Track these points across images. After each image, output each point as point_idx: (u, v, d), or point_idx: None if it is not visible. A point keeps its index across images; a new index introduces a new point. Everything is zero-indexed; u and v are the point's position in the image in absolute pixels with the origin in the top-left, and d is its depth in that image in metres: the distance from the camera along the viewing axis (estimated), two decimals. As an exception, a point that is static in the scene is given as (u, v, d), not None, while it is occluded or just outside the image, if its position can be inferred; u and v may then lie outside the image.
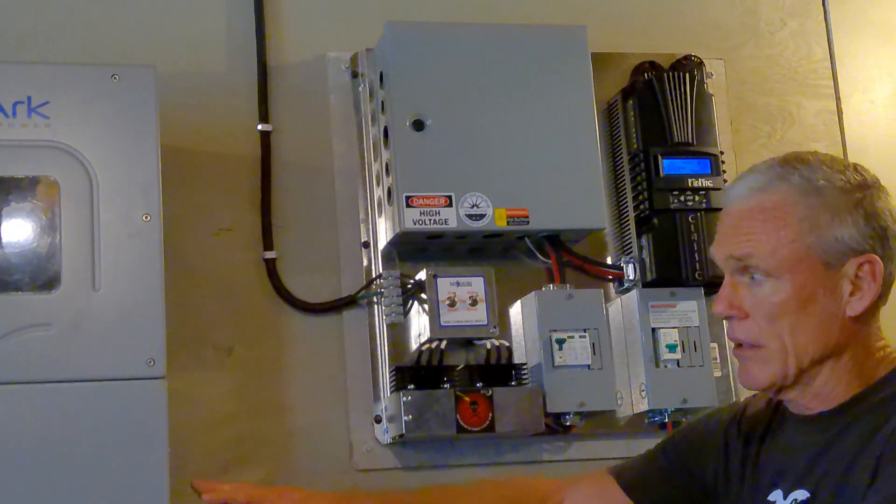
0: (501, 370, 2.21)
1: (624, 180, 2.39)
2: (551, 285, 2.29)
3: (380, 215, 2.30)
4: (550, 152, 2.26)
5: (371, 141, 2.35)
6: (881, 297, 1.51)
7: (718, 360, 2.36)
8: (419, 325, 2.26)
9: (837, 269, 1.48)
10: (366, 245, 2.33)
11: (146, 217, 1.90)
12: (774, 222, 1.49)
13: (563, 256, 2.33)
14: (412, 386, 2.15)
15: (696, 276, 2.28)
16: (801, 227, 1.48)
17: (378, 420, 2.26)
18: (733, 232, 1.53)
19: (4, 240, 1.86)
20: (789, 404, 1.57)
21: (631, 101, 2.38)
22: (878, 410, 1.46)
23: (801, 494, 1.47)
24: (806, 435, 1.53)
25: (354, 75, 2.39)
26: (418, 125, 2.22)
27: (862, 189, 1.50)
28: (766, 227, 1.49)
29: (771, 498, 1.52)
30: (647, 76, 2.41)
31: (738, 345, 1.54)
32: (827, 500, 1.44)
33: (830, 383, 1.51)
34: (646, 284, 2.33)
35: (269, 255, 2.29)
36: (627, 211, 2.37)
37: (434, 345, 2.21)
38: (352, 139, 2.38)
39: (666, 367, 2.27)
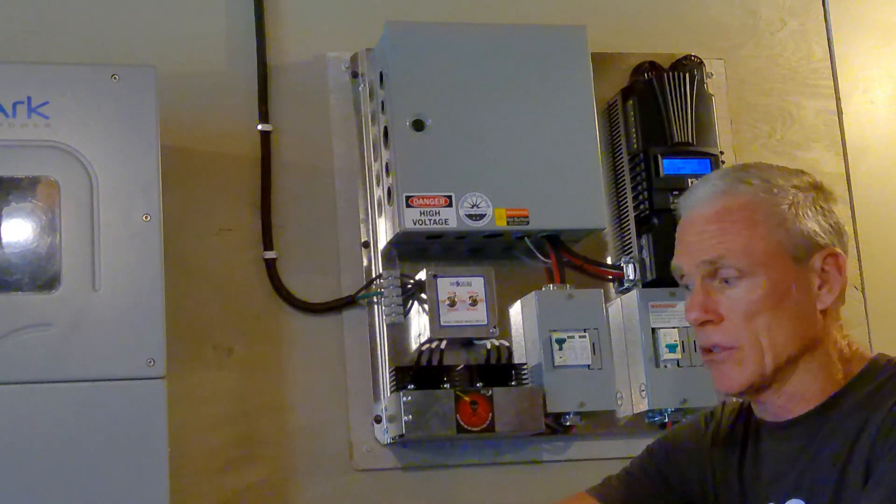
0: (501, 370, 2.21)
1: (624, 180, 2.39)
2: (551, 285, 2.29)
3: (380, 215, 2.30)
4: (550, 152, 2.26)
5: (371, 141, 2.35)
6: (844, 293, 1.54)
7: (718, 360, 2.36)
8: (419, 325, 2.26)
9: (806, 264, 1.51)
10: (366, 245, 2.33)
11: (146, 217, 1.90)
12: (743, 222, 1.51)
13: (563, 256, 2.33)
14: (412, 386, 2.15)
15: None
16: (770, 223, 1.51)
17: (378, 420, 2.26)
18: (701, 238, 1.54)
19: (4, 240, 1.86)
20: (763, 411, 1.57)
21: (631, 101, 2.38)
22: (860, 410, 1.46)
23: (796, 503, 1.47)
24: (788, 441, 1.52)
25: (354, 75, 2.39)
26: (418, 125, 2.22)
27: (814, 189, 1.54)
28: (736, 227, 1.51)
29: None
30: (647, 76, 2.41)
31: (708, 351, 1.54)
32: None
33: (805, 383, 1.51)
34: (646, 284, 2.33)
35: (269, 255, 2.29)
36: (627, 211, 2.37)
37: (434, 345, 2.21)
38: (352, 139, 2.38)
39: (666, 367, 2.27)
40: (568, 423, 2.24)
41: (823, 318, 1.51)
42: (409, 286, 2.26)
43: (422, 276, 2.24)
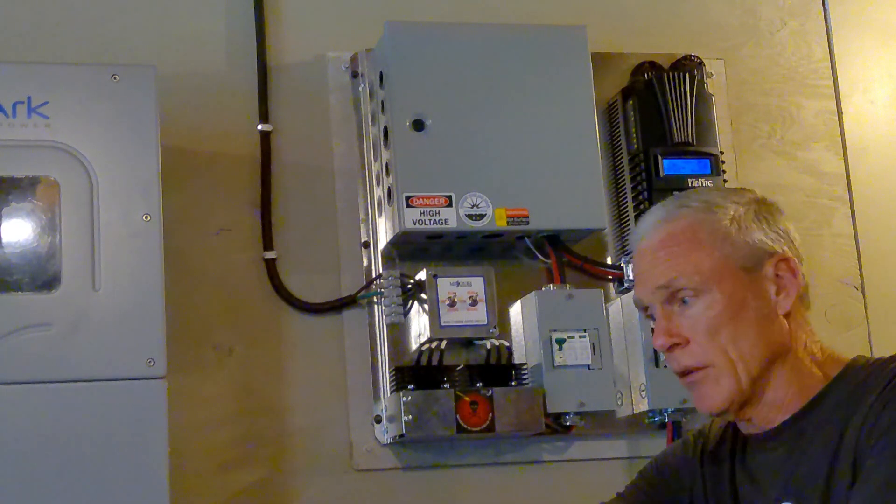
0: (501, 370, 2.21)
1: (624, 180, 2.39)
2: (551, 285, 2.29)
3: (380, 215, 2.30)
4: (550, 152, 2.26)
5: (371, 141, 2.35)
6: (805, 297, 1.57)
7: (718, 360, 2.36)
8: (419, 325, 2.26)
9: (758, 273, 1.53)
10: (366, 245, 2.33)
11: (146, 217, 1.90)
12: (689, 243, 1.55)
13: (563, 256, 2.33)
14: (412, 386, 2.15)
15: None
16: (714, 239, 1.54)
17: (378, 420, 2.26)
18: (653, 265, 1.57)
19: (4, 240, 1.86)
20: (747, 427, 1.58)
21: (631, 101, 2.38)
22: (841, 409, 1.47)
23: None
24: (772, 451, 1.53)
25: (354, 75, 2.39)
26: (418, 125, 2.22)
27: (755, 203, 1.58)
28: (683, 249, 1.55)
29: None
30: (647, 76, 2.41)
31: (683, 374, 1.56)
32: None
33: (782, 389, 1.53)
34: (646, 284, 2.32)
35: (269, 255, 2.29)
36: (627, 211, 2.37)
37: (434, 345, 2.21)
38: (352, 139, 2.38)
39: (666, 367, 2.26)
40: (568, 423, 2.24)
41: (786, 324, 1.53)
42: (409, 286, 2.26)
43: (422, 276, 2.24)
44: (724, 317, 1.52)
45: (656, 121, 2.35)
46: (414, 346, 2.27)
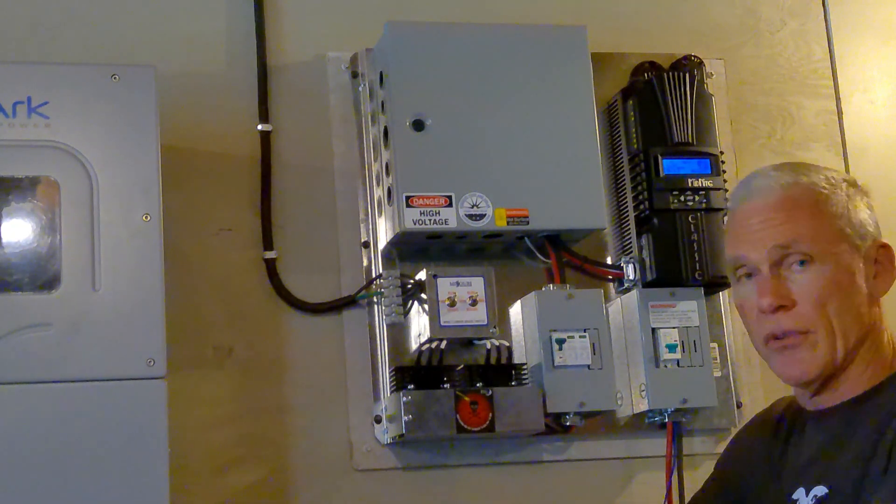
0: (501, 370, 2.21)
1: (624, 180, 2.39)
2: (551, 285, 2.29)
3: (380, 215, 2.30)
4: (550, 152, 2.26)
5: (371, 141, 2.35)
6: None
7: (718, 360, 2.36)
8: (419, 325, 2.26)
9: (863, 252, 1.56)
10: (366, 245, 2.33)
11: (146, 217, 1.90)
12: (810, 209, 1.56)
13: (563, 256, 2.33)
14: (412, 386, 2.15)
15: (697, 275, 2.28)
16: (833, 211, 1.56)
17: (378, 420, 2.26)
18: (768, 224, 1.57)
19: (4, 240, 1.86)
20: (817, 401, 1.59)
21: (631, 101, 2.38)
22: (891, 402, 1.48)
23: (821, 490, 1.49)
24: (824, 431, 1.55)
25: (354, 75, 2.39)
26: (418, 125, 2.22)
27: (855, 185, 1.62)
28: (804, 214, 1.56)
29: (794, 496, 1.54)
30: (647, 76, 2.41)
31: (775, 338, 1.55)
32: (846, 495, 1.45)
33: (859, 369, 1.55)
34: (646, 284, 2.32)
35: (269, 255, 2.29)
36: (627, 211, 2.37)
37: (434, 345, 2.21)
38: (352, 139, 2.38)
39: (666, 367, 2.27)
40: (568, 423, 2.24)
41: (876, 307, 1.56)
42: (409, 286, 2.26)
43: (422, 276, 2.24)
44: (834, 287, 1.53)
45: (656, 121, 2.35)
46: (414, 346, 2.27)
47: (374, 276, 2.30)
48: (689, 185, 2.32)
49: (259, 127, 2.34)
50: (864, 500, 1.42)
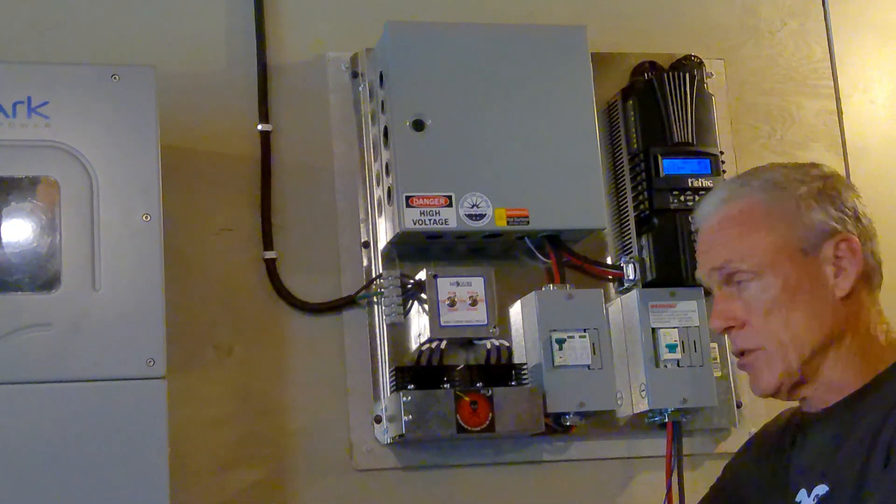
0: (501, 370, 2.21)
1: (624, 180, 2.39)
2: (551, 285, 2.29)
3: (380, 215, 2.30)
4: (550, 152, 2.26)
5: (371, 141, 2.35)
6: (872, 278, 1.55)
7: (718, 360, 2.36)
8: (419, 325, 2.26)
9: (817, 255, 1.53)
10: (366, 245, 2.33)
11: (146, 217, 1.90)
12: (744, 226, 1.55)
13: (563, 256, 2.33)
14: (412, 386, 2.15)
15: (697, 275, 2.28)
16: (771, 221, 1.53)
17: (378, 420, 2.26)
18: (709, 247, 1.59)
19: (4, 240, 1.86)
20: (807, 404, 1.59)
21: (631, 101, 2.38)
22: (889, 397, 1.47)
23: (822, 489, 1.49)
24: (823, 431, 1.54)
25: (354, 75, 2.39)
26: (418, 125, 2.22)
27: (822, 179, 1.56)
28: (739, 232, 1.55)
29: (798, 498, 1.54)
30: (647, 76, 2.41)
31: (740, 355, 1.56)
32: (846, 492, 1.45)
33: (838, 371, 1.53)
34: (646, 284, 2.32)
35: (269, 255, 2.29)
36: (627, 211, 2.37)
37: (434, 345, 2.21)
38: (352, 139, 2.38)
39: (666, 367, 2.27)
40: (568, 423, 2.24)
41: (847, 305, 1.52)
42: (409, 286, 2.26)
43: (422, 276, 2.24)
44: (777, 300, 1.52)
45: (656, 121, 2.35)
46: (414, 346, 2.27)
47: (374, 276, 2.30)
48: (690, 185, 2.32)
49: (259, 127, 2.34)
50: (864, 495, 1.42)
